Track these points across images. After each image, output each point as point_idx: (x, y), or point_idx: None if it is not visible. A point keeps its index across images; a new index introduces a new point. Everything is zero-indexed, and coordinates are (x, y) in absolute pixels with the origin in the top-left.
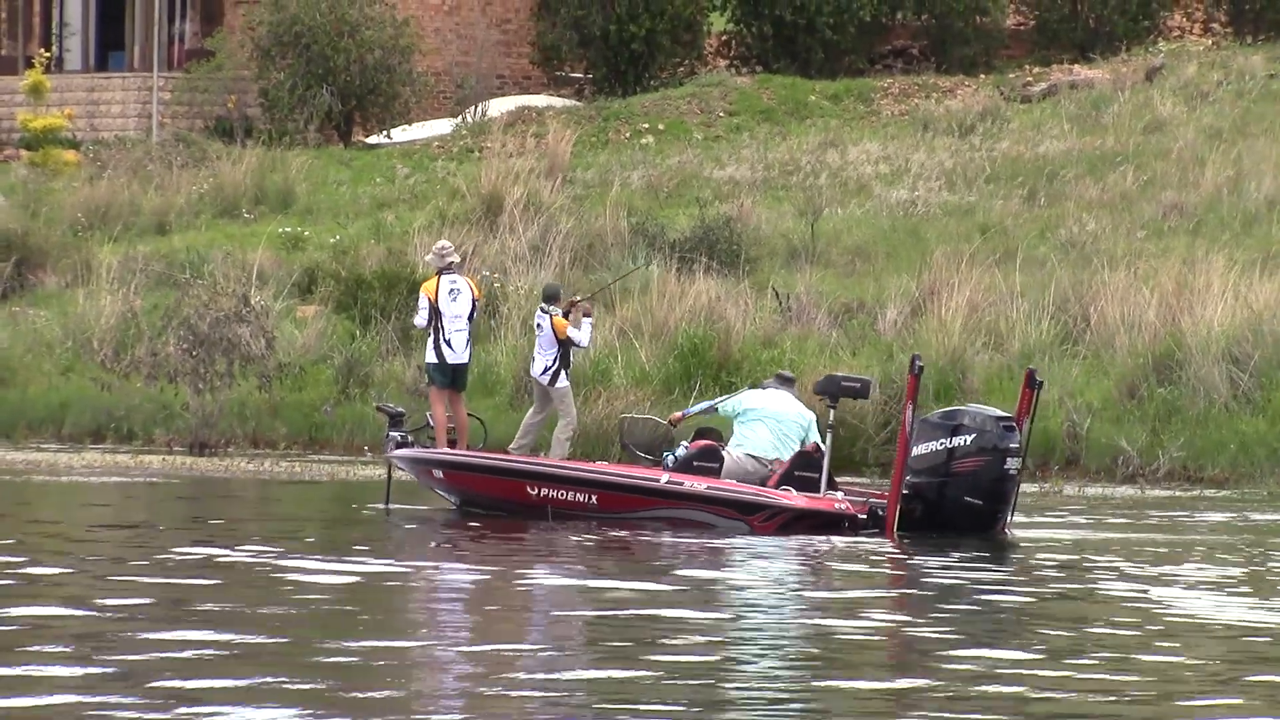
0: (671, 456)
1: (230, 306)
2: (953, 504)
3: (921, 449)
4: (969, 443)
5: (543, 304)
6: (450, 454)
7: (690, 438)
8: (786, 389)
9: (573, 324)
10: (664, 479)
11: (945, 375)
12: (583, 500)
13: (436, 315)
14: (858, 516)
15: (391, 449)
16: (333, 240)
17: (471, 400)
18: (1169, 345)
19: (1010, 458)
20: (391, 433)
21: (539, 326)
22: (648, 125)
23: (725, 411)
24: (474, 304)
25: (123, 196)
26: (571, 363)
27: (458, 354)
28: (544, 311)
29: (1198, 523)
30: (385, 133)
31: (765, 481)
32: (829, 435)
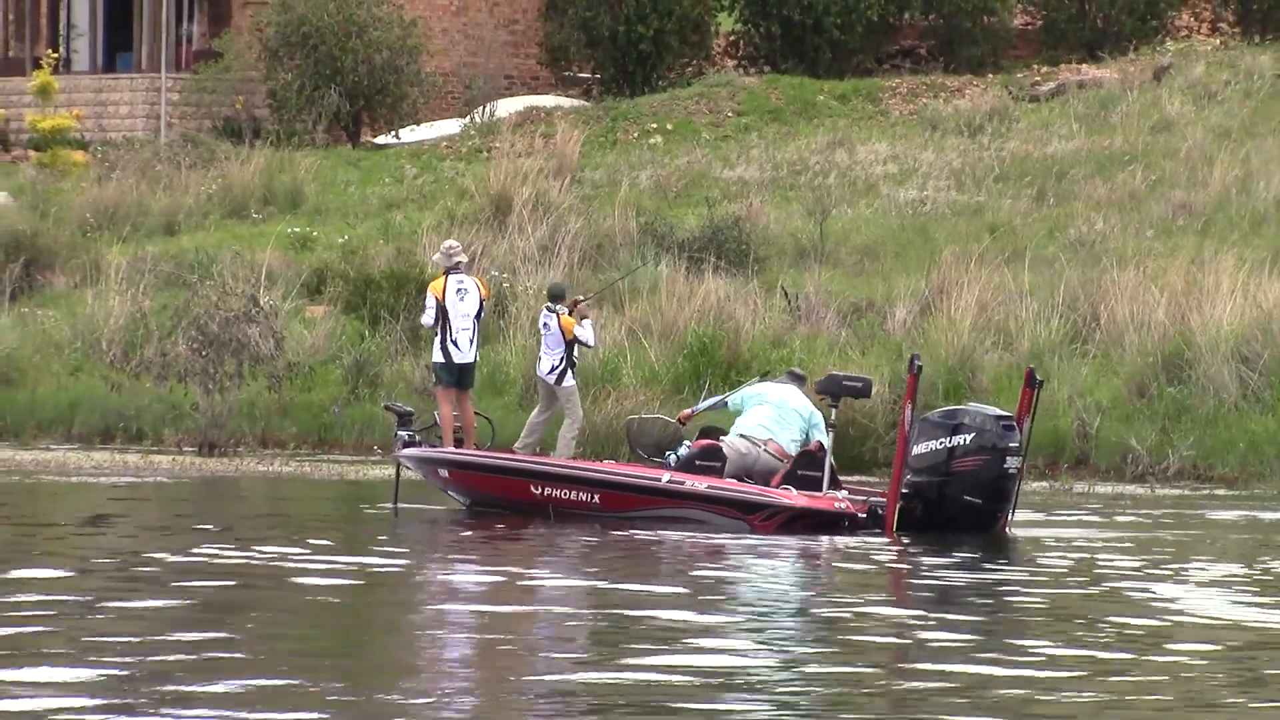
0: (674, 456)
1: (239, 307)
2: (953, 503)
3: (922, 448)
4: (969, 442)
5: (549, 303)
6: (455, 453)
7: (695, 437)
8: (795, 384)
9: (576, 324)
10: (665, 478)
11: (955, 375)
12: (585, 499)
13: (444, 315)
14: (858, 515)
15: (400, 448)
16: (341, 240)
17: (481, 400)
18: (1178, 344)
19: (1010, 456)
20: (400, 432)
21: (545, 326)
22: (656, 125)
23: (733, 404)
24: (481, 304)
25: (131, 197)
26: (577, 362)
27: (464, 354)
28: (551, 311)
29: (1207, 521)
30: (393, 133)
31: (762, 465)
32: (831, 434)
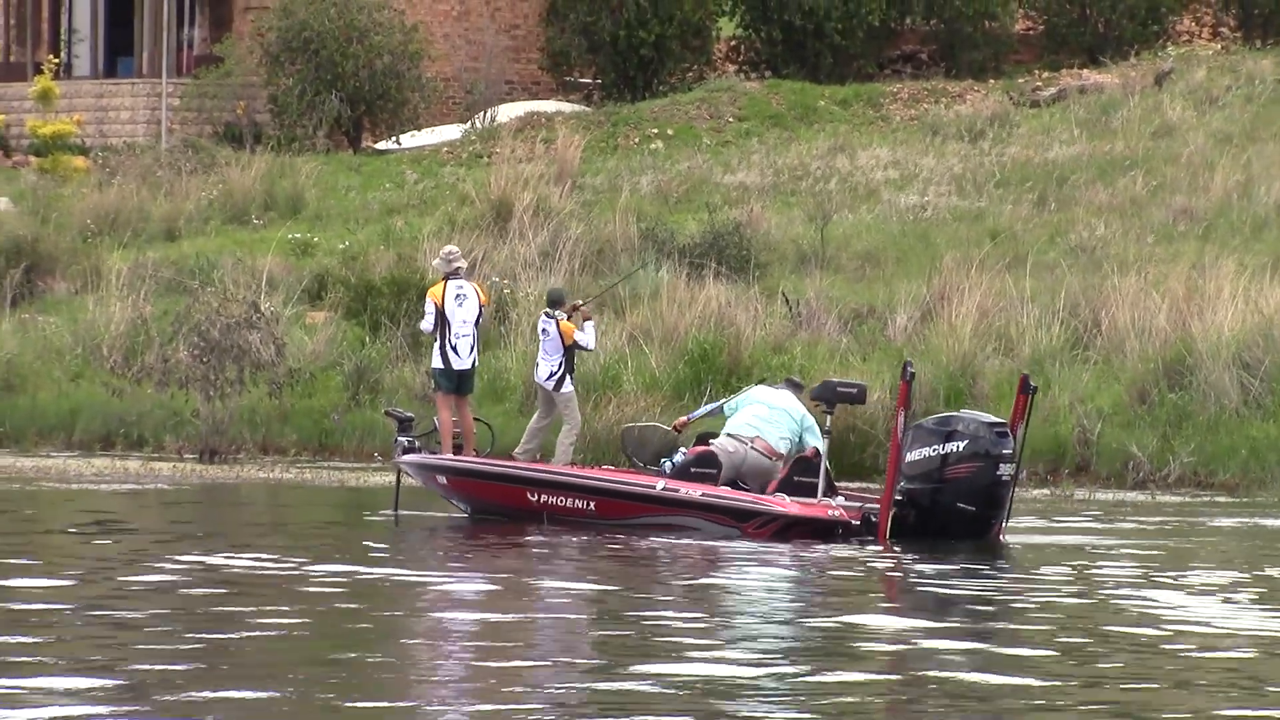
0: (669, 463)
1: (240, 313)
2: (946, 510)
3: (915, 455)
4: (962, 448)
5: (547, 309)
6: (453, 460)
7: (691, 443)
8: (792, 391)
9: (576, 328)
10: (660, 485)
11: (956, 381)
12: (581, 507)
13: (443, 321)
14: (851, 523)
15: (399, 454)
16: (342, 246)
17: (481, 406)
18: (1179, 350)
19: (1004, 463)
20: (399, 437)
21: (544, 332)
22: (657, 130)
23: (728, 410)
24: (481, 310)
25: (132, 203)
26: (575, 368)
27: (463, 359)
28: (549, 316)
29: (1208, 528)
30: (394, 138)
31: (751, 463)
32: (826, 440)
